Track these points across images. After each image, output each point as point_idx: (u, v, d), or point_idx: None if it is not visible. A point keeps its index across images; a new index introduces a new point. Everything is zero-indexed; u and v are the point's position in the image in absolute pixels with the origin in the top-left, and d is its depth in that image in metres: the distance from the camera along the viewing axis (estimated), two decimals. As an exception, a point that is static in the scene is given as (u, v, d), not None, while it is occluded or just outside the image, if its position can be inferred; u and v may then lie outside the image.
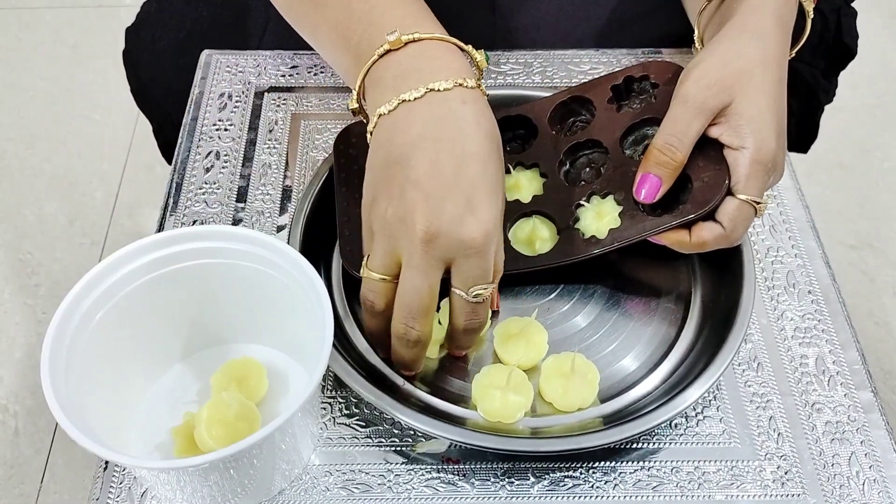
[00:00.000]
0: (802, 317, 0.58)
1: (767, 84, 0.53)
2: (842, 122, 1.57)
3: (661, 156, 0.53)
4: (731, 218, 0.52)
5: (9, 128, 1.61)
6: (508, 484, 0.50)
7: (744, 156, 0.52)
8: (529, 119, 0.61)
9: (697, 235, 0.52)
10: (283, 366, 0.54)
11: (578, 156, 0.60)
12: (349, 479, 0.50)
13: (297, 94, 0.72)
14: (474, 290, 0.48)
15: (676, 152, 0.52)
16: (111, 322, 0.49)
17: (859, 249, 1.41)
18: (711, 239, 0.52)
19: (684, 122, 0.52)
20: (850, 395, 0.54)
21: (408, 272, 0.47)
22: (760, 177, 0.52)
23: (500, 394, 0.51)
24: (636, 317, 0.57)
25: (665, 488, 0.50)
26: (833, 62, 0.84)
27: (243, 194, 0.65)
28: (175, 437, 0.49)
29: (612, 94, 0.59)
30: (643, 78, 0.59)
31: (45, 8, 1.86)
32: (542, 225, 0.57)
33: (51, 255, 1.40)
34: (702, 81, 0.52)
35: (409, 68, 0.49)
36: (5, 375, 1.25)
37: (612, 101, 0.59)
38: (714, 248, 0.53)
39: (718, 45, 0.54)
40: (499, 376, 0.51)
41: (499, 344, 0.54)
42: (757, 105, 0.52)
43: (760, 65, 0.53)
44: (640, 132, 0.58)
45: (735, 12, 0.55)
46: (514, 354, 0.53)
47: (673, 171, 0.53)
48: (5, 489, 1.14)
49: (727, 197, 0.52)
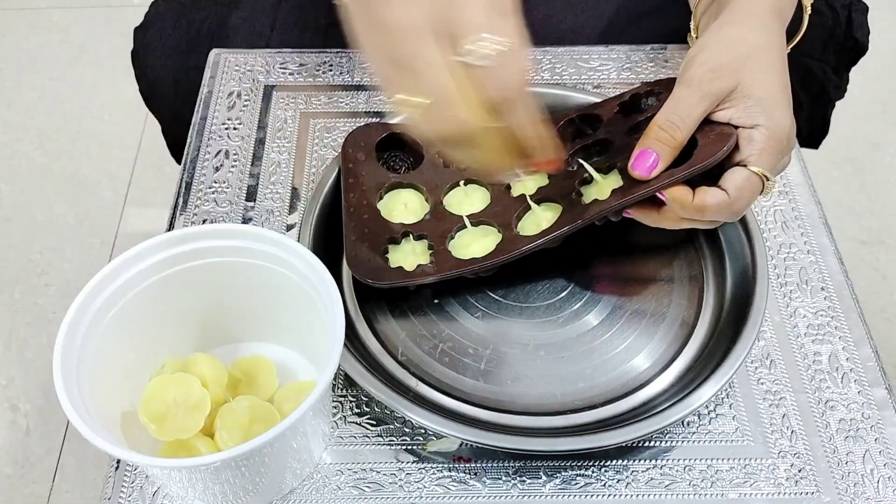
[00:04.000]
0: (815, 314, 0.58)
1: (774, 68, 0.52)
2: (853, 117, 1.56)
3: (662, 132, 0.52)
4: (738, 187, 0.51)
5: (17, 128, 1.61)
6: (520, 483, 0.50)
7: (759, 132, 0.51)
8: None
9: (700, 198, 0.51)
10: (294, 364, 0.54)
11: (588, 161, 0.59)
12: (360, 477, 0.50)
13: (305, 93, 0.72)
14: (479, 47, 0.42)
15: (678, 131, 0.51)
16: (122, 321, 0.49)
17: (871, 245, 1.41)
18: (714, 204, 0.51)
19: (688, 103, 0.52)
20: (864, 393, 0.54)
21: (420, 71, 0.43)
22: (775, 154, 0.51)
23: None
24: (648, 315, 0.56)
25: (678, 487, 0.50)
26: (844, 58, 0.84)
27: (253, 193, 0.65)
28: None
29: (620, 108, 0.60)
30: (649, 94, 0.59)
31: (53, 8, 1.86)
32: (547, 210, 0.57)
33: (61, 255, 1.40)
34: (707, 65, 0.52)
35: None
36: (16, 375, 1.25)
37: (619, 114, 0.59)
38: (714, 216, 0.52)
39: (720, 29, 0.53)
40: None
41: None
42: (766, 87, 0.51)
43: (765, 50, 0.52)
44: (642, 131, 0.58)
45: (733, 0, 0.55)
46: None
47: (672, 149, 0.52)
48: (17, 488, 1.14)
49: (737, 167, 0.51)
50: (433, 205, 0.59)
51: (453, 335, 0.55)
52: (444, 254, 0.56)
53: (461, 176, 0.60)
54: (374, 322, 0.56)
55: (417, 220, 0.58)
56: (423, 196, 0.60)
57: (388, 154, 0.62)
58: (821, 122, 0.89)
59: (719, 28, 0.54)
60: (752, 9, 0.54)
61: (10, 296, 1.35)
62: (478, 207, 0.59)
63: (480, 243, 0.56)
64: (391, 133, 0.61)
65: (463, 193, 0.60)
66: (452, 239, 0.57)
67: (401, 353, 0.54)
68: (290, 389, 0.52)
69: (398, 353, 0.54)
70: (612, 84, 0.72)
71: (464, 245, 0.57)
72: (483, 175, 0.58)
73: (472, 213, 0.58)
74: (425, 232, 0.57)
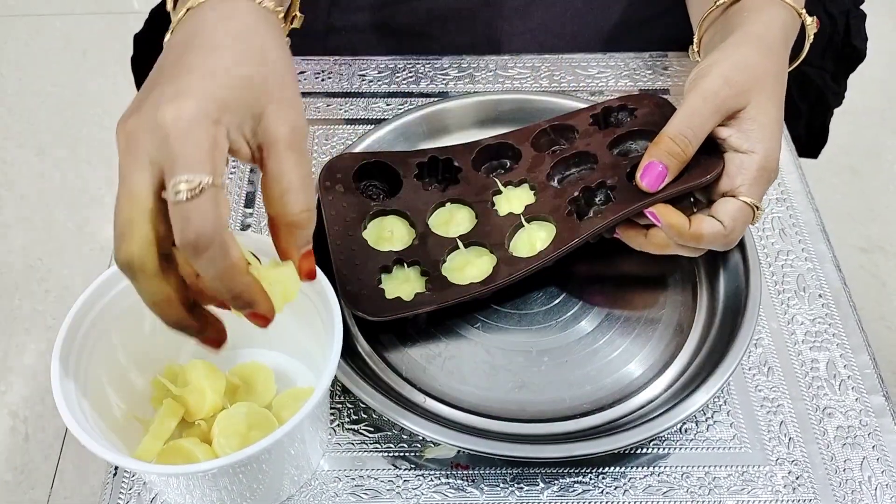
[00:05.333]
0: (813, 321, 0.58)
1: (777, 96, 0.53)
2: (851, 125, 1.56)
3: (673, 146, 0.51)
4: (733, 218, 0.51)
5: (18, 134, 1.62)
6: (518, 489, 0.50)
7: (751, 160, 0.51)
8: (512, 145, 0.61)
9: (696, 227, 0.51)
10: (292, 370, 0.54)
11: (567, 174, 0.59)
12: (358, 484, 0.50)
13: (305, 100, 0.72)
14: (176, 184, 0.37)
15: (689, 145, 0.51)
16: (120, 327, 0.49)
17: (870, 252, 1.41)
18: (709, 234, 0.51)
19: (701, 116, 0.51)
20: (862, 400, 0.54)
21: (124, 189, 0.40)
22: (763, 183, 0.52)
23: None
24: (642, 321, 0.56)
25: (675, 494, 0.50)
26: (842, 65, 0.84)
27: (252, 200, 0.65)
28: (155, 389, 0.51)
29: (592, 120, 0.60)
30: (621, 108, 0.60)
31: (54, 15, 1.87)
32: (539, 228, 0.57)
33: (60, 262, 1.41)
34: (723, 79, 0.51)
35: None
36: (15, 381, 1.25)
37: (592, 125, 0.60)
38: (708, 245, 0.52)
39: (736, 48, 0.53)
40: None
41: None
42: (768, 114, 0.52)
43: (774, 76, 0.53)
44: (624, 146, 0.58)
45: (747, 21, 0.55)
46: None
47: (680, 163, 0.52)
48: (15, 494, 1.14)
49: (730, 198, 0.52)
50: (421, 229, 0.58)
51: (453, 345, 0.55)
52: (440, 279, 0.55)
53: (442, 197, 0.59)
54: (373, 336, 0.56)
55: (406, 247, 0.57)
56: (408, 221, 0.59)
57: (365, 183, 0.61)
58: (820, 130, 0.89)
59: (735, 46, 0.53)
60: (764, 33, 0.54)
61: (10, 302, 1.35)
62: (465, 227, 0.58)
63: (475, 265, 0.56)
64: (366, 162, 0.61)
65: (448, 213, 0.59)
66: (445, 262, 0.56)
67: (405, 371, 0.54)
68: (288, 396, 0.52)
69: (402, 371, 0.54)
70: (610, 91, 0.72)
71: (458, 268, 0.56)
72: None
73: (460, 233, 0.57)
74: (417, 258, 0.56)
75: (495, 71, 0.74)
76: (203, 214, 0.37)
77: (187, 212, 0.37)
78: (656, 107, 0.59)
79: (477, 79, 0.73)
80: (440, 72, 0.73)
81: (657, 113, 0.58)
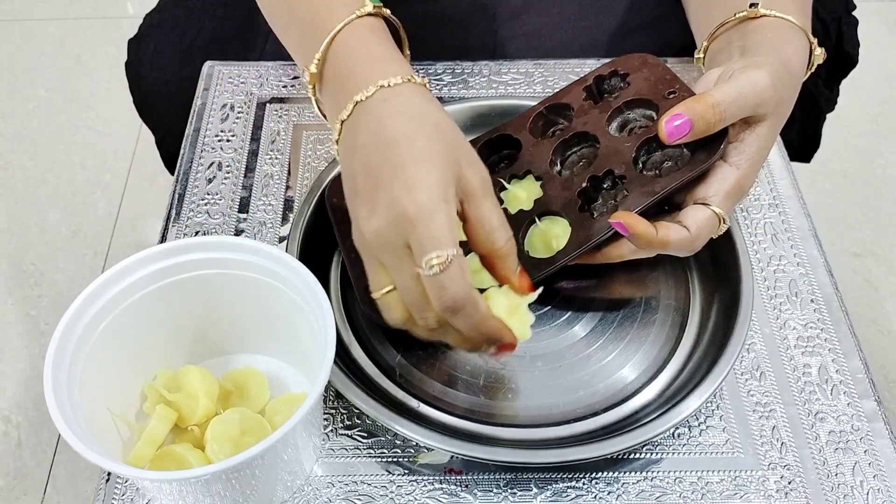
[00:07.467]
0: (805, 326, 0.58)
1: (780, 126, 0.54)
2: (844, 130, 1.57)
3: (711, 114, 0.51)
4: (700, 226, 0.52)
5: (12, 139, 1.61)
6: (511, 495, 0.50)
7: (733, 174, 0.52)
8: (510, 135, 0.61)
9: (664, 234, 0.52)
10: (286, 376, 0.54)
11: (568, 154, 0.59)
12: (351, 490, 0.50)
13: (298, 105, 0.72)
14: (428, 261, 0.45)
15: (721, 122, 0.51)
16: (114, 333, 0.49)
17: (862, 257, 1.41)
18: (675, 240, 0.52)
19: (741, 103, 0.51)
20: (854, 405, 0.54)
21: (393, 275, 0.47)
22: (735, 199, 0.53)
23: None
24: (634, 326, 0.57)
25: (668, 498, 0.50)
26: (834, 71, 0.84)
27: (245, 205, 0.65)
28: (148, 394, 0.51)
29: (586, 94, 0.60)
30: (612, 74, 0.60)
31: (48, 19, 1.87)
32: (553, 224, 0.57)
33: (54, 266, 1.40)
34: (772, 85, 0.51)
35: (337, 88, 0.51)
36: (8, 386, 1.25)
37: (587, 100, 0.60)
38: (673, 250, 0.53)
39: (780, 65, 0.53)
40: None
41: None
42: (767, 139, 0.53)
43: (787, 106, 0.54)
44: (622, 117, 0.58)
45: (777, 43, 0.55)
46: None
47: (706, 128, 0.51)
48: (8, 500, 1.13)
49: (700, 206, 0.52)
50: None
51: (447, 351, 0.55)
52: None
53: None
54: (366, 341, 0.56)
55: None
56: None
57: None
58: (812, 135, 0.89)
59: (779, 62, 0.53)
60: (797, 62, 0.55)
61: (3, 306, 1.34)
62: None
63: None
64: None
65: (457, 218, 0.59)
66: None
67: (398, 376, 0.54)
68: (281, 401, 0.52)
69: (396, 376, 0.54)
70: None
71: (473, 272, 0.56)
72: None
73: None
74: None
75: (489, 76, 0.74)
76: (454, 281, 0.45)
77: (441, 281, 0.45)
78: (645, 65, 0.59)
79: (471, 84, 0.73)
80: (434, 77, 0.74)
81: (647, 71, 0.58)
